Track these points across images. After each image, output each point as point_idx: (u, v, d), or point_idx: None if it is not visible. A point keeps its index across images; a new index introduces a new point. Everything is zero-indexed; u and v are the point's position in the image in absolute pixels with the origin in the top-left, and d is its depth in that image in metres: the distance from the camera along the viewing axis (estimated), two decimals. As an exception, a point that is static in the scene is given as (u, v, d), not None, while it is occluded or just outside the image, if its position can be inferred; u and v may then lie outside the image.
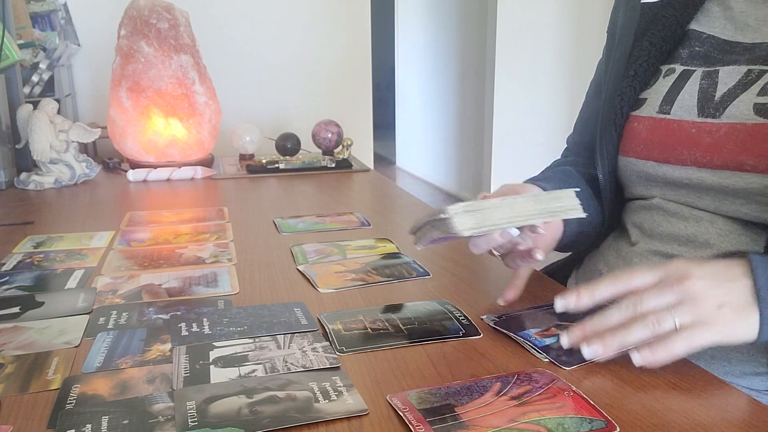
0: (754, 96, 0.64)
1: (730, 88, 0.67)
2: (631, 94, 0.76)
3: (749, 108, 0.64)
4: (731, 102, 0.66)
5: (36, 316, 0.65)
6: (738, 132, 0.64)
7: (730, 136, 0.65)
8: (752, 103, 0.64)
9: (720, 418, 0.46)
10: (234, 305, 0.67)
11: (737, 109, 0.65)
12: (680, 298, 0.52)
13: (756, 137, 0.63)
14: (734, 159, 0.64)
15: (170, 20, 1.36)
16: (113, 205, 1.15)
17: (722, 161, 0.65)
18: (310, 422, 0.45)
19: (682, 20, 0.77)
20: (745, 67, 0.67)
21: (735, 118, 0.65)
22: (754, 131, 0.63)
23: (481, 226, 0.57)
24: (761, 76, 0.65)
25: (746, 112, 0.64)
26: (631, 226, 0.78)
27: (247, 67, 2.20)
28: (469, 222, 0.57)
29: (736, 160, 0.64)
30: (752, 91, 0.65)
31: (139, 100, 1.36)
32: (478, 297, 0.70)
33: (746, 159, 0.63)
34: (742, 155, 0.64)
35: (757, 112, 0.63)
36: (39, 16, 1.82)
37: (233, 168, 1.48)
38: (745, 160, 0.64)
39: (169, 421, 0.45)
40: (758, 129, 0.63)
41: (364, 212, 1.06)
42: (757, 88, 0.64)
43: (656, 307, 0.52)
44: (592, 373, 0.53)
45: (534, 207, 0.61)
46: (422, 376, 0.52)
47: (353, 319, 0.63)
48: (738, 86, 0.66)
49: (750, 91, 0.65)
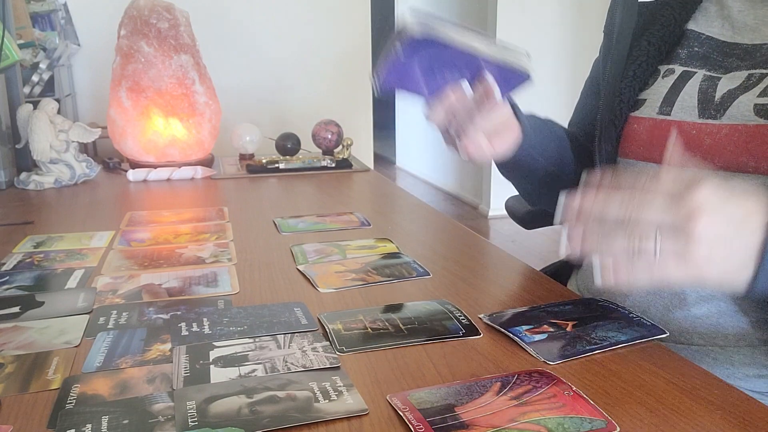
0: (754, 97, 0.64)
1: (731, 89, 0.67)
2: (631, 95, 0.76)
3: (749, 109, 0.64)
4: (731, 103, 0.66)
5: (36, 315, 0.65)
6: (739, 133, 0.64)
7: (731, 137, 0.65)
8: (752, 104, 0.64)
9: (720, 418, 0.46)
10: (234, 305, 0.67)
11: (737, 110, 0.65)
12: (676, 227, 0.46)
13: (757, 139, 0.63)
14: (735, 160, 0.64)
15: (170, 20, 1.36)
16: (113, 205, 1.15)
17: (723, 163, 0.65)
18: (310, 422, 0.45)
19: (680, 20, 0.77)
20: (745, 72, 0.67)
21: (735, 119, 0.65)
22: (755, 132, 0.63)
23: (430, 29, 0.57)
24: (762, 80, 0.65)
25: (746, 113, 0.64)
26: None
27: (248, 67, 2.20)
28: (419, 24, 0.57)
29: (737, 162, 0.64)
30: (753, 92, 0.65)
31: (139, 100, 1.36)
32: (478, 297, 0.70)
33: (748, 160, 0.63)
34: (743, 157, 0.64)
35: (758, 113, 0.63)
36: (39, 16, 1.82)
37: (233, 168, 1.48)
38: (746, 161, 0.63)
39: (169, 421, 0.45)
40: (759, 130, 0.63)
41: (364, 212, 1.06)
42: (758, 90, 0.64)
43: (648, 221, 0.46)
44: (592, 373, 0.53)
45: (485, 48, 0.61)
46: (422, 376, 0.52)
47: (353, 319, 0.63)
48: (738, 88, 0.66)
49: (750, 92, 0.65)
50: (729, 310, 0.65)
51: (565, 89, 3.78)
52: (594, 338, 0.58)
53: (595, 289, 0.79)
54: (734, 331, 0.65)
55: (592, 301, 0.68)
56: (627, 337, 0.58)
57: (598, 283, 0.48)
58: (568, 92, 3.75)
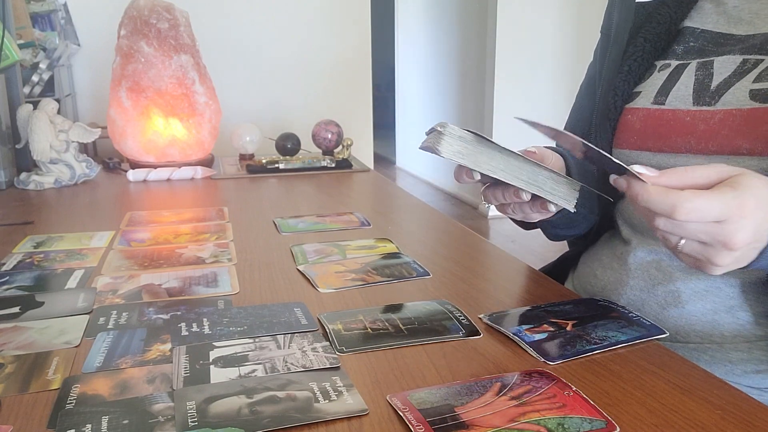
0: (749, 83, 0.65)
1: (726, 77, 0.67)
2: (625, 89, 0.77)
3: (745, 95, 0.64)
4: (727, 90, 0.66)
5: (36, 316, 0.65)
6: (733, 117, 0.65)
7: (726, 122, 0.65)
8: (748, 89, 0.64)
9: (720, 418, 0.46)
10: (234, 305, 0.67)
11: (733, 96, 0.65)
12: (704, 242, 0.50)
13: (751, 121, 0.63)
14: (730, 144, 0.65)
15: (170, 20, 1.36)
16: (113, 205, 1.15)
17: (717, 147, 0.66)
18: (310, 422, 0.45)
19: (676, 18, 0.78)
20: (740, 56, 0.67)
21: (731, 104, 0.65)
22: (750, 115, 0.63)
23: (463, 158, 0.57)
24: (757, 65, 0.65)
25: (742, 99, 0.64)
26: (622, 223, 0.78)
27: (247, 67, 2.20)
28: (454, 147, 0.56)
29: (731, 145, 0.65)
30: (748, 78, 0.65)
31: (139, 100, 1.36)
32: (478, 297, 0.70)
33: (742, 143, 0.64)
34: (737, 139, 0.64)
35: (753, 97, 0.63)
36: (39, 16, 1.82)
37: (233, 168, 1.48)
38: (741, 144, 0.64)
39: (169, 421, 0.45)
40: (753, 113, 0.63)
41: (364, 212, 1.06)
42: (753, 76, 0.65)
43: (684, 232, 0.50)
44: (592, 373, 0.53)
45: (527, 174, 0.60)
46: (422, 376, 0.52)
47: (353, 319, 0.63)
48: (734, 75, 0.67)
49: (746, 78, 0.65)
50: (724, 307, 0.66)
51: (564, 91, 3.78)
52: (594, 338, 0.58)
53: (590, 289, 0.79)
54: (730, 327, 0.65)
55: (591, 301, 0.68)
56: (627, 337, 0.59)
57: None
58: (568, 94, 3.75)
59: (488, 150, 0.58)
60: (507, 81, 3.72)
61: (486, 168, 0.58)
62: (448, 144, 0.56)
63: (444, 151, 0.56)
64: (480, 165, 0.58)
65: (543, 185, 0.61)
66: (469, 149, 0.57)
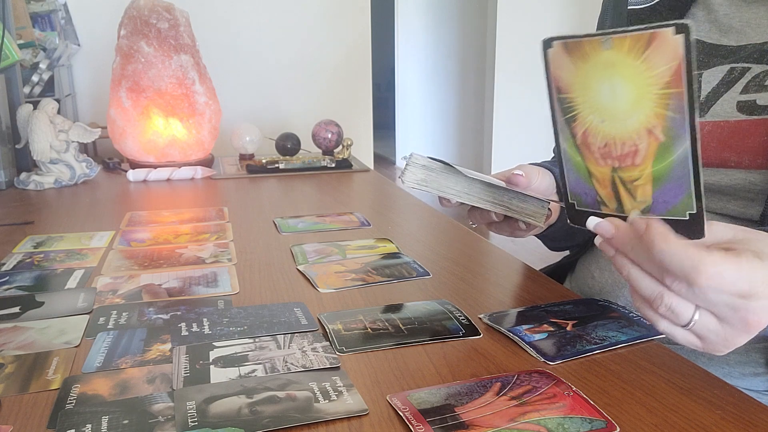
0: (737, 94, 0.65)
1: (714, 87, 0.67)
2: None
3: (732, 106, 0.65)
4: (716, 101, 0.66)
5: (36, 316, 0.65)
6: (721, 129, 0.65)
7: (714, 134, 0.66)
8: (735, 101, 0.65)
9: (720, 418, 0.46)
10: (234, 305, 0.67)
11: (721, 108, 0.66)
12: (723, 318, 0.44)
13: (738, 133, 0.63)
14: (718, 156, 0.65)
15: (170, 20, 1.36)
16: (113, 205, 1.15)
17: (706, 159, 0.66)
18: (310, 422, 0.45)
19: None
20: (728, 65, 0.67)
21: (718, 116, 0.66)
22: (737, 128, 0.64)
23: (426, 186, 0.60)
24: (743, 74, 0.65)
25: (729, 110, 0.65)
26: None
27: (247, 67, 2.20)
28: (417, 176, 0.59)
29: (719, 158, 0.65)
30: (735, 89, 0.65)
31: (139, 100, 1.36)
32: (478, 297, 0.70)
33: (729, 156, 0.64)
34: (725, 152, 0.64)
35: (740, 109, 0.64)
36: (39, 16, 1.82)
37: (233, 168, 1.48)
38: (728, 156, 0.64)
39: (169, 421, 0.45)
40: (740, 125, 0.63)
41: (364, 212, 1.06)
42: (740, 87, 0.65)
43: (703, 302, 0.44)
44: (592, 373, 0.53)
45: (493, 196, 0.64)
46: (422, 376, 0.52)
47: (353, 319, 0.63)
48: (721, 84, 0.67)
49: (733, 89, 0.65)
50: None
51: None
52: (594, 338, 0.58)
53: (588, 291, 0.79)
54: None
55: (592, 301, 0.68)
56: (627, 337, 0.59)
57: None
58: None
59: (453, 176, 0.62)
60: (507, 81, 3.72)
61: (451, 194, 0.62)
62: (411, 173, 0.60)
63: (408, 180, 0.60)
64: (444, 191, 0.62)
65: (509, 205, 0.65)
66: (433, 176, 0.61)
